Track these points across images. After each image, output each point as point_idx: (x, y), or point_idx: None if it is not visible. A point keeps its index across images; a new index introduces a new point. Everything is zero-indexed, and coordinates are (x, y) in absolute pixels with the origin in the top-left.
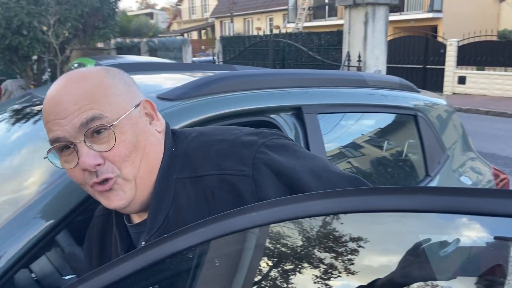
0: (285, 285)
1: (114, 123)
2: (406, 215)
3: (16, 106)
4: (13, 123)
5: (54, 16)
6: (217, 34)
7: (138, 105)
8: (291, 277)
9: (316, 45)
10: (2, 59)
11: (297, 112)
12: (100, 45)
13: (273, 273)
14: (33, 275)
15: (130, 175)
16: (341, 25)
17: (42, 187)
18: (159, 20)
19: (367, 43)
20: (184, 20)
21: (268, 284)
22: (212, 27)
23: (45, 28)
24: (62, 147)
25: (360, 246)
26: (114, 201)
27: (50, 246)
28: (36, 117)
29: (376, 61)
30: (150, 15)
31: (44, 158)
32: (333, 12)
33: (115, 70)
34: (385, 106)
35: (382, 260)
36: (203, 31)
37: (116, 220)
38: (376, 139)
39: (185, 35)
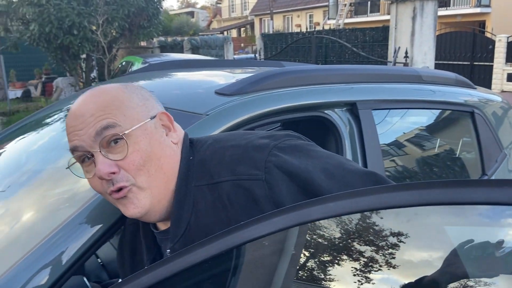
0: (323, 277)
1: (127, 132)
2: (447, 211)
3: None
4: None
5: (103, 16)
6: (256, 32)
7: (154, 117)
8: (329, 269)
9: (361, 41)
10: (54, 58)
11: (352, 107)
12: (142, 43)
13: (311, 263)
14: (99, 260)
15: (144, 184)
16: (384, 21)
17: None
18: (200, 19)
19: (415, 39)
20: (223, 18)
21: (306, 274)
22: (252, 24)
23: (94, 27)
24: (83, 158)
25: (400, 241)
26: (130, 209)
27: (113, 234)
28: None
29: (423, 57)
30: (191, 13)
31: (66, 168)
32: (375, 8)
33: (133, 85)
34: (441, 102)
35: (423, 255)
36: (242, 29)
37: (143, 228)
38: (430, 136)
39: (225, 33)
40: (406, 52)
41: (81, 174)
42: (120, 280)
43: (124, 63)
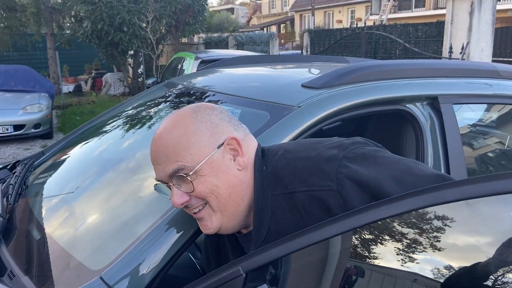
0: (366, 254)
1: (192, 171)
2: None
3: (162, 93)
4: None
5: (152, 13)
6: (296, 28)
7: (221, 145)
8: (372, 246)
9: (414, 37)
10: (105, 54)
11: (433, 102)
12: (184, 40)
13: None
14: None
15: (215, 208)
16: (430, 16)
17: None
18: (239, 15)
19: (472, 35)
20: (263, 15)
21: (347, 249)
22: (292, 21)
23: (144, 24)
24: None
25: (445, 225)
26: (204, 229)
27: None
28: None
29: (480, 54)
30: (231, 10)
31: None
32: (420, 3)
33: (205, 110)
34: None
35: (469, 240)
36: (282, 25)
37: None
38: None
39: (265, 29)
40: (463, 48)
41: (164, 194)
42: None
43: (175, 58)
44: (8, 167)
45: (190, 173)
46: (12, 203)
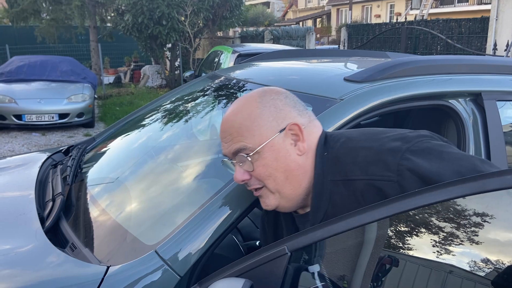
0: (401, 245)
1: (253, 152)
2: None
3: (207, 84)
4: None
5: (190, 7)
6: (333, 23)
7: (283, 129)
8: (407, 238)
9: (456, 33)
10: (144, 47)
11: (476, 98)
12: (220, 34)
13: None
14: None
15: (272, 189)
16: (473, 11)
17: None
18: (275, 9)
19: None
20: (299, 9)
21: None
22: (328, 15)
23: (182, 18)
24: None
25: (484, 221)
26: (263, 205)
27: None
28: (222, 94)
29: None
30: (267, 4)
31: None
32: None
33: (270, 95)
34: None
35: (510, 236)
36: (318, 20)
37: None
38: None
39: (300, 23)
40: (508, 45)
41: (230, 168)
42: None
43: (212, 52)
44: (62, 151)
45: (251, 154)
46: (70, 183)
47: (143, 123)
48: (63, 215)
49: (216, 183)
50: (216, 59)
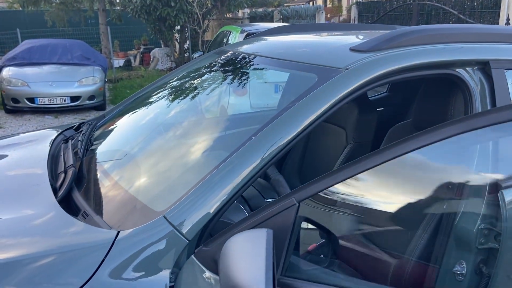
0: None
1: None
2: None
3: (215, 59)
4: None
5: None
6: (344, 2)
7: None
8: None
9: (468, 8)
10: (153, 29)
11: (484, 67)
12: (229, 15)
13: None
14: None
15: None
16: None
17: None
18: None
19: None
20: None
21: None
22: None
23: None
24: None
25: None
26: None
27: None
28: (231, 70)
29: None
30: None
31: None
32: None
33: None
34: None
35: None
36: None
37: None
38: None
39: (310, 3)
40: (508, 19)
41: None
42: None
43: (221, 32)
44: (73, 128)
45: None
46: (81, 156)
47: (151, 100)
48: (75, 186)
49: (222, 155)
50: (225, 40)
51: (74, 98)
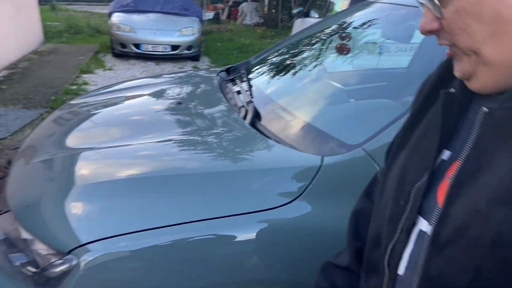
0: None
1: None
2: None
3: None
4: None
5: None
6: None
7: None
8: None
9: None
10: None
11: None
12: None
13: None
14: None
15: (465, 50)
16: None
17: None
18: None
19: None
20: None
21: None
22: None
23: None
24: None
25: None
26: (455, 70)
27: None
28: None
29: None
30: None
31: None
32: None
33: None
34: None
35: None
36: None
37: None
38: None
39: None
40: None
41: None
42: None
43: None
44: (224, 70)
45: None
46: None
47: (309, 41)
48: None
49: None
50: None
51: (174, 47)
